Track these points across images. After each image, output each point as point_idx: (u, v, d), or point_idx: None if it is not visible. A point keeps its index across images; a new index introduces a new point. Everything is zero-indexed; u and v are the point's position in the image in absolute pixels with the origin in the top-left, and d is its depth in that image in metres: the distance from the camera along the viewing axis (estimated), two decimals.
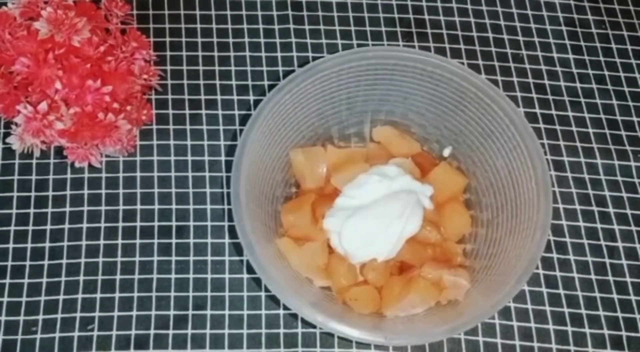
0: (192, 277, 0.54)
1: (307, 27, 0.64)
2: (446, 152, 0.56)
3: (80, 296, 0.53)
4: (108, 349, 0.51)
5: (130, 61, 0.53)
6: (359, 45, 0.63)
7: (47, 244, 0.54)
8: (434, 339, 0.50)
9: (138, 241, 0.55)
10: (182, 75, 0.61)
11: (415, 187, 0.52)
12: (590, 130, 0.61)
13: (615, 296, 0.55)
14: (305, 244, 0.51)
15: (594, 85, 0.63)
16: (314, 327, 0.52)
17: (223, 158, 0.58)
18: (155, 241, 0.55)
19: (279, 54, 0.62)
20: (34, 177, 0.57)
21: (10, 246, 0.54)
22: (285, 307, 0.53)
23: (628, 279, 0.55)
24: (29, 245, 0.54)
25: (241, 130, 0.49)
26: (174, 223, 0.56)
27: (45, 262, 0.54)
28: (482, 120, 0.51)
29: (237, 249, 0.55)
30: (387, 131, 0.56)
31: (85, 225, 0.55)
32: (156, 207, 0.56)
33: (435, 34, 0.64)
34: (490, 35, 0.64)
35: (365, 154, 0.56)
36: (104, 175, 0.57)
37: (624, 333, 0.53)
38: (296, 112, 0.52)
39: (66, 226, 0.55)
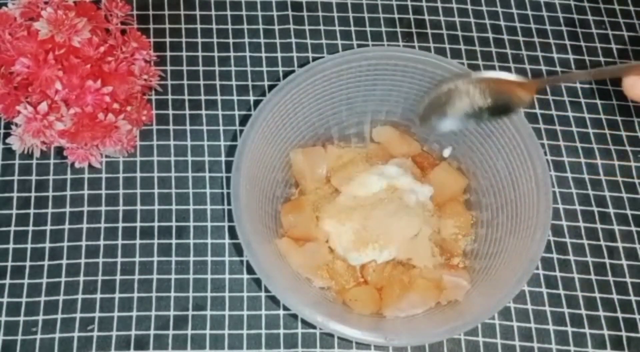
0: (192, 278, 0.54)
1: (307, 27, 0.64)
2: (446, 152, 0.56)
3: (80, 296, 0.53)
4: (108, 350, 0.51)
5: (130, 61, 0.53)
6: (359, 46, 0.63)
7: (47, 245, 0.54)
8: (434, 339, 0.50)
9: (138, 242, 0.55)
10: (182, 75, 0.61)
11: (416, 188, 0.52)
12: (590, 130, 0.61)
13: (615, 296, 0.55)
14: (305, 244, 0.51)
15: (594, 86, 0.63)
16: (314, 327, 0.52)
17: (223, 158, 0.58)
18: (155, 241, 0.55)
19: (279, 55, 0.62)
20: (34, 177, 0.57)
21: (10, 246, 0.54)
22: (285, 308, 0.53)
23: (628, 280, 0.55)
24: (29, 245, 0.54)
25: (241, 131, 0.49)
26: (174, 224, 0.56)
27: (45, 263, 0.54)
28: None
29: (237, 249, 0.55)
30: (387, 131, 0.56)
31: (85, 225, 0.55)
32: (156, 207, 0.56)
33: (435, 34, 0.64)
34: (491, 35, 0.64)
35: (365, 154, 0.56)
36: (104, 175, 0.57)
37: (624, 333, 0.53)
38: (296, 113, 0.52)
39: (66, 226, 0.55)
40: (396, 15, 0.65)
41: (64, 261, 0.54)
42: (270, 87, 0.57)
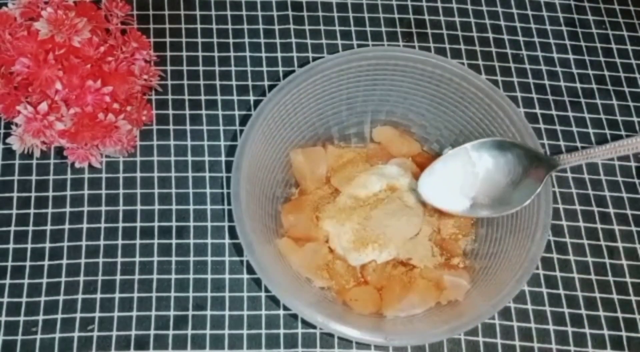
0: (192, 278, 0.54)
1: (307, 27, 0.64)
2: (446, 152, 0.56)
3: (80, 296, 0.53)
4: (108, 350, 0.51)
5: (130, 61, 0.53)
6: (359, 46, 0.63)
7: (47, 245, 0.54)
8: (434, 339, 0.50)
9: (138, 242, 0.55)
10: (182, 75, 0.61)
11: (416, 188, 0.52)
12: (590, 130, 0.61)
13: (615, 296, 0.55)
14: (305, 244, 0.51)
15: (594, 86, 0.63)
16: (314, 327, 0.52)
17: (223, 158, 0.58)
18: (156, 241, 0.55)
19: (279, 55, 0.62)
20: (34, 177, 0.57)
21: (10, 246, 0.54)
22: (285, 308, 0.53)
23: (628, 280, 0.55)
24: (29, 245, 0.54)
25: (241, 131, 0.49)
26: (174, 223, 0.56)
27: (45, 263, 0.54)
28: (482, 121, 0.51)
29: (237, 249, 0.55)
30: (387, 131, 0.56)
31: (85, 225, 0.55)
32: (156, 207, 0.56)
33: (435, 34, 0.64)
34: (491, 35, 0.64)
35: (365, 154, 0.56)
36: (104, 175, 0.57)
37: (624, 333, 0.53)
38: (296, 113, 0.52)
39: (66, 226, 0.55)
40: (396, 15, 0.65)
41: (64, 261, 0.54)
42: (270, 87, 0.58)
